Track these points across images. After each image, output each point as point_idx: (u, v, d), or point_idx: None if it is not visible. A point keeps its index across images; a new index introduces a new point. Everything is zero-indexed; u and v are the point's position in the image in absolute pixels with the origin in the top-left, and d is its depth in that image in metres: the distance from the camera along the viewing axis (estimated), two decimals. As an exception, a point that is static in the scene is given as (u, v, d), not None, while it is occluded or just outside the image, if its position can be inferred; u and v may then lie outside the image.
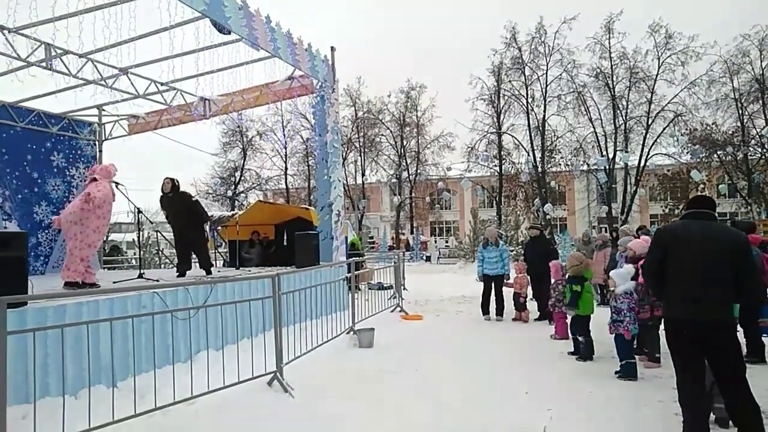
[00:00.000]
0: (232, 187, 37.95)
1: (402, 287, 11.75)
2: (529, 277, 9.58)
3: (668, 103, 31.00)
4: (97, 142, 12.24)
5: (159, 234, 14.01)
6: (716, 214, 3.99)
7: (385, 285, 11.90)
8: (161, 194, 8.28)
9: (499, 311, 9.52)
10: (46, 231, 10.73)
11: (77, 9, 6.84)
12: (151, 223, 8.47)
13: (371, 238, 35.72)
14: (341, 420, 4.58)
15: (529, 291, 9.75)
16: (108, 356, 4.62)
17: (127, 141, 12.59)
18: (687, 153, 29.44)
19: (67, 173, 11.18)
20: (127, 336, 5.03)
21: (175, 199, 8.26)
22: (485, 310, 9.55)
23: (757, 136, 28.74)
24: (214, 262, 11.92)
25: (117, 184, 7.43)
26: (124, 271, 12.69)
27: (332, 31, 64.24)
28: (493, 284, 9.49)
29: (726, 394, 3.70)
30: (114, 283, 7.07)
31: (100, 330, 4.88)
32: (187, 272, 8.34)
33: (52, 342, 4.51)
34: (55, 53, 8.66)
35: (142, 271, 7.79)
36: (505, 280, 9.55)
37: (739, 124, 29.80)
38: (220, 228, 14.32)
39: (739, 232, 3.95)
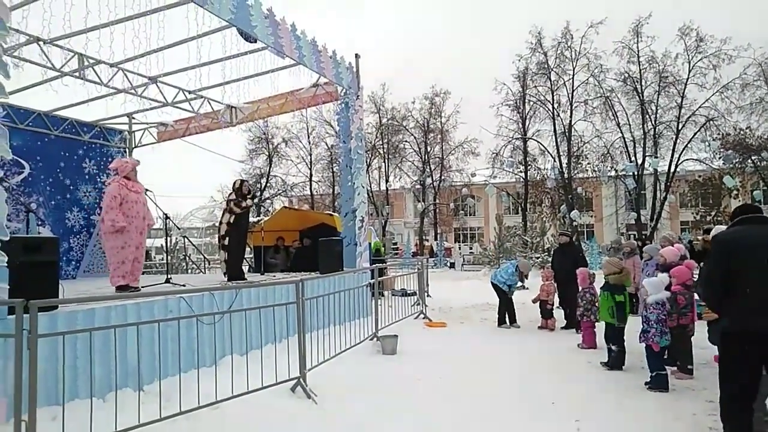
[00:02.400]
0: (258, 193, 38.38)
1: (426, 294, 11.67)
2: (555, 285, 9.42)
3: (699, 107, 30.29)
4: (127, 150, 12.52)
5: (186, 240, 14.22)
6: None
7: (408, 291, 11.85)
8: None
9: (513, 319, 9.47)
10: (78, 236, 11.01)
11: (108, 20, 6.99)
12: (179, 229, 8.60)
13: (395, 244, 35.67)
14: (364, 427, 4.56)
15: (556, 299, 9.60)
16: (135, 360, 4.68)
17: (156, 148, 12.86)
18: (719, 158, 28.66)
19: (98, 180, 11.46)
20: (153, 340, 5.10)
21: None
22: (502, 320, 9.48)
23: (794, 141, 27.87)
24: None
25: (146, 190, 7.58)
26: (151, 275, 12.91)
27: (357, 38, 64.70)
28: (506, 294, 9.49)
29: None
30: (141, 287, 7.17)
31: (127, 334, 4.95)
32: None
33: (81, 345, 4.59)
34: (87, 63, 8.91)
35: (169, 276, 7.90)
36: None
37: (774, 128, 28.96)
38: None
39: None
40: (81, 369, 4.64)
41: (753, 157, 28.69)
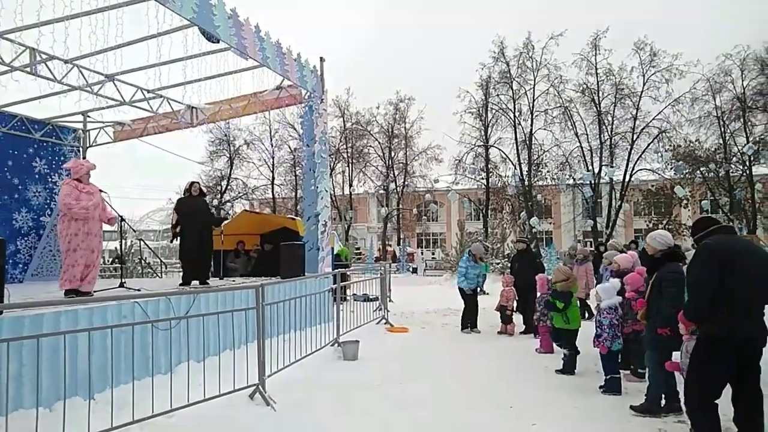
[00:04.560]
0: (219, 196, 37.66)
1: (388, 299, 11.68)
2: (515, 290, 9.59)
3: (653, 119, 31.48)
4: (81, 149, 12.09)
5: (142, 243, 13.81)
6: None
7: (371, 296, 11.83)
8: (187, 196, 8.23)
9: (474, 324, 9.63)
10: (26, 238, 10.54)
11: (63, 14, 6.77)
12: (135, 231, 8.35)
13: (358, 249, 35.57)
14: (323, 434, 4.52)
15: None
16: (85, 367, 4.51)
17: (111, 148, 12.48)
18: (671, 169, 29.85)
19: (50, 180, 11.01)
20: (106, 347, 4.91)
21: (201, 202, 8.30)
22: (465, 324, 9.60)
23: (739, 154, 29.22)
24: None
25: (100, 191, 7.33)
26: (105, 279, 12.48)
27: (321, 42, 64.55)
28: (474, 299, 9.62)
29: (743, 412, 3.72)
30: (94, 292, 6.92)
31: (78, 340, 4.77)
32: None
33: (27, 353, 4.39)
34: (40, 58, 8.56)
35: (123, 280, 7.66)
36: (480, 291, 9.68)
37: (721, 141, 30.33)
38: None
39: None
40: (27, 377, 4.43)
41: (701, 169, 30.00)
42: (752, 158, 28.31)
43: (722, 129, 30.21)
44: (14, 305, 4.68)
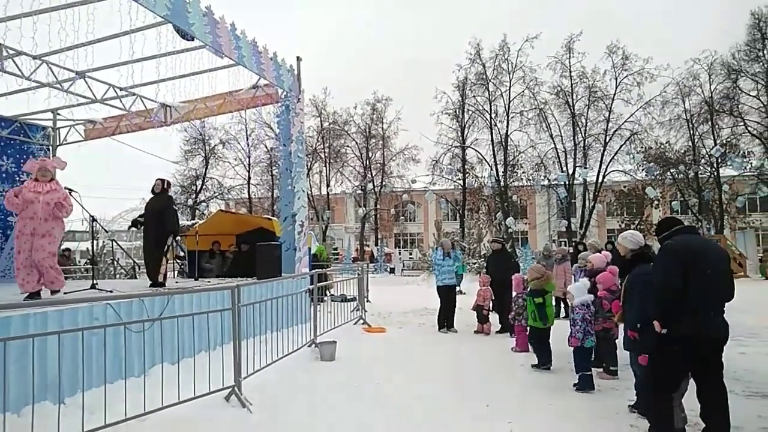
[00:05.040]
0: (193, 195, 37.12)
1: (365, 299, 11.68)
2: (491, 290, 9.68)
3: (625, 121, 32.07)
4: (51, 147, 11.80)
5: (114, 243, 13.53)
6: None
7: (348, 297, 11.81)
8: (151, 196, 8.08)
9: (451, 323, 9.65)
10: (-7, 238, 10.24)
11: (32, 9, 6.59)
12: (106, 231, 8.18)
13: (335, 249, 35.42)
14: (300, 435, 4.49)
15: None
16: (55, 371, 4.40)
17: (82, 146, 12.20)
18: (642, 170, 30.48)
19: (17, 179, 10.71)
20: (76, 349, 4.79)
21: (155, 200, 8.03)
22: (442, 324, 9.64)
23: (707, 156, 29.99)
24: (169, 274, 11.51)
25: (71, 191, 7.17)
26: (76, 281, 12.19)
27: (298, 41, 64.19)
28: (449, 296, 9.65)
29: (709, 408, 3.82)
30: (65, 294, 6.76)
31: (47, 343, 4.64)
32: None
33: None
34: (6, 54, 8.33)
35: (95, 282, 7.48)
36: (457, 292, 9.71)
37: (690, 143, 31.08)
38: (179, 238, 13.93)
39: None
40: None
41: (672, 170, 30.72)
42: (719, 160, 29.11)
43: (691, 132, 30.96)
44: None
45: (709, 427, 3.85)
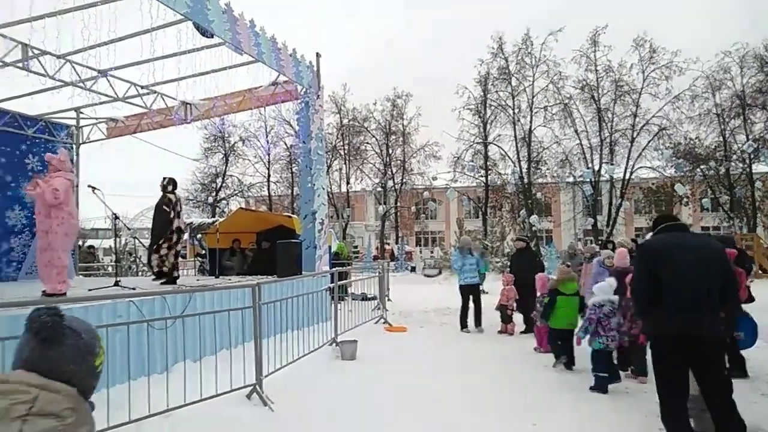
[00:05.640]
0: (213, 193, 37.44)
1: (386, 298, 11.59)
2: (515, 289, 9.50)
3: (653, 116, 31.32)
4: (74, 145, 11.96)
5: (137, 241, 13.67)
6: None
7: (368, 295, 11.74)
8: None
9: (478, 322, 9.47)
10: (20, 236, 10.41)
11: (56, 9, 6.65)
12: (129, 229, 8.26)
13: (355, 247, 35.41)
14: (321, 436, 4.43)
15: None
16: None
17: (105, 144, 12.34)
18: (671, 167, 29.74)
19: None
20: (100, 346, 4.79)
21: (159, 200, 8.20)
22: (463, 324, 9.48)
23: (739, 152, 29.15)
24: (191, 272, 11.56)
25: (93, 189, 7.23)
26: (99, 278, 12.36)
27: (318, 38, 64.37)
28: (471, 295, 9.47)
29: (714, 409, 3.66)
30: (89, 291, 6.82)
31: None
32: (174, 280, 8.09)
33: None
34: (32, 54, 8.43)
35: (118, 279, 7.55)
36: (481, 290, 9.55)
37: (721, 139, 30.24)
38: (200, 235, 14.04)
39: (715, 241, 4.01)
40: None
41: (702, 166, 29.91)
42: (752, 156, 28.24)
43: (722, 126, 30.10)
44: (8, 304, 4.59)
45: (718, 427, 3.70)
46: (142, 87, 10.43)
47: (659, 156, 30.01)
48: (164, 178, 8.26)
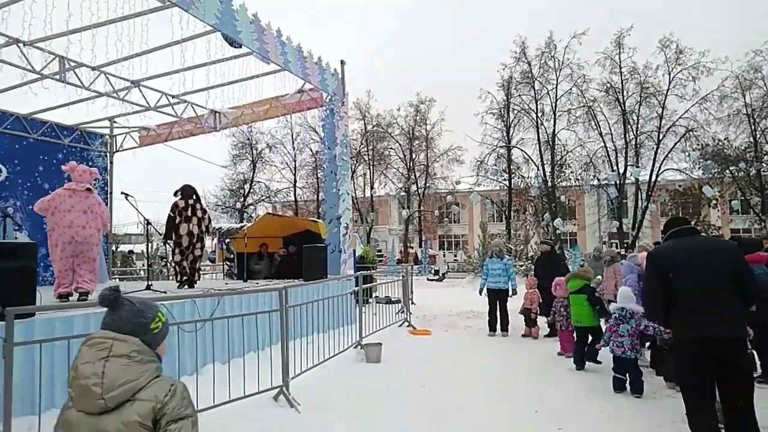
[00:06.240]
0: (242, 199, 38.06)
1: (410, 301, 11.66)
2: (539, 293, 9.47)
3: (679, 118, 30.82)
4: (108, 154, 12.36)
5: (167, 246, 14.02)
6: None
7: (392, 299, 11.82)
8: None
9: (504, 327, 9.42)
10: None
11: (91, 23, 6.93)
12: (160, 234, 8.48)
13: (379, 251, 35.53)
14: (347, 436, 4.52)
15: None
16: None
17: (137, 152, 12.72)
18: (699, 168, 29.14)
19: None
20: (133, 348, 4.99)
21: None
22: (491, 327, 9.47)
23: (770, 152, 28.44)
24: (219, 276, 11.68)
25: (126, 195, 7.48)
26: (132, 282, 12.72)
27: (342, 46, 64.86)
28: (498, 300, 9.44)
29: (731, 417, 3.56)
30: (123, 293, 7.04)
31: (106, 342, 4.84)
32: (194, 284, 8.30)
33: (59, 353, 4.47)
34: (68, 66, 8.78)
35: (150, 283, 7.77)
36: (511, 295, 9.48)
37: (751, 139, 29.53)
38: (229, 240, 14.31)
39: (731, 242, 3.97)
40: (58, 378, 4.53)
41: (731, 168, 29.24)
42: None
43: (753, 127, 29.41)
44: (46, 307, 4.80)
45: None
46: (173, 96, 10.73)
47: (686, 158, 29.44)
48: (183, 186, 8.35)
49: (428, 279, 25.05)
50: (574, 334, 7.32)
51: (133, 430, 1.76)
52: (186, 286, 8.10)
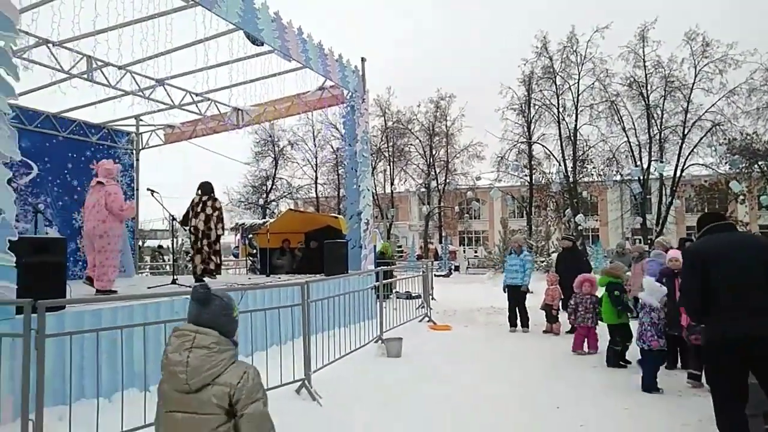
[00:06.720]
0: (264, 195, 38.41)
1: (430, 297, 11.67)
2: (560, 289, 9.40)
3: (705, 112, 30.13)
4: (134, 151, 12.61)
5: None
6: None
7: (413, 294, 11.85)
8: None
9: (525, 323, 9.38)
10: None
11: (117, 23, 7.09)
12: (185, 230, 8.63)
13: (399, 247, 35.57)
14: (368, 429, 4.57)
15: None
16: (141, 360, 4.71)
17: (162, 150, 12.94)
18: (726, 163, 28.48)
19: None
20: (159, 341, 5.09)
21: None
22: (512, 323, 9.44)
23: (802, 146, 27.65)
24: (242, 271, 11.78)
25: (152, 191, 7.63)
26: (158, 276, 12.98)
27: (363, 42, 64.85)
28: (516, 296, 9.38)
29: None
30: (148, 288, 7.22)
31: (134, 334, 4.97)
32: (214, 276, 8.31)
33: (88, 345, 4.61)
34: (95, 65, 8.98)
35: (175, 277, 7.93)
36: (523, 290, 9.35)
37: (782, 133, 28.76)
38: (251, 236, 14.49)
39: (763, 238, 3.87)
40: (87, 369, 4.67)
41: (760, 162, 28.50)
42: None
43: (783, 120, 28.62)
44: (76, 300, 4.93)
45: None
46: (197, 94, 10.89)
47: (712, 152, 28.78)
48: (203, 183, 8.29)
49: (435, 275, 24.82)
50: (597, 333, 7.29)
51: (211, 409, 2.11)
52: (194, 282, 8.10)
